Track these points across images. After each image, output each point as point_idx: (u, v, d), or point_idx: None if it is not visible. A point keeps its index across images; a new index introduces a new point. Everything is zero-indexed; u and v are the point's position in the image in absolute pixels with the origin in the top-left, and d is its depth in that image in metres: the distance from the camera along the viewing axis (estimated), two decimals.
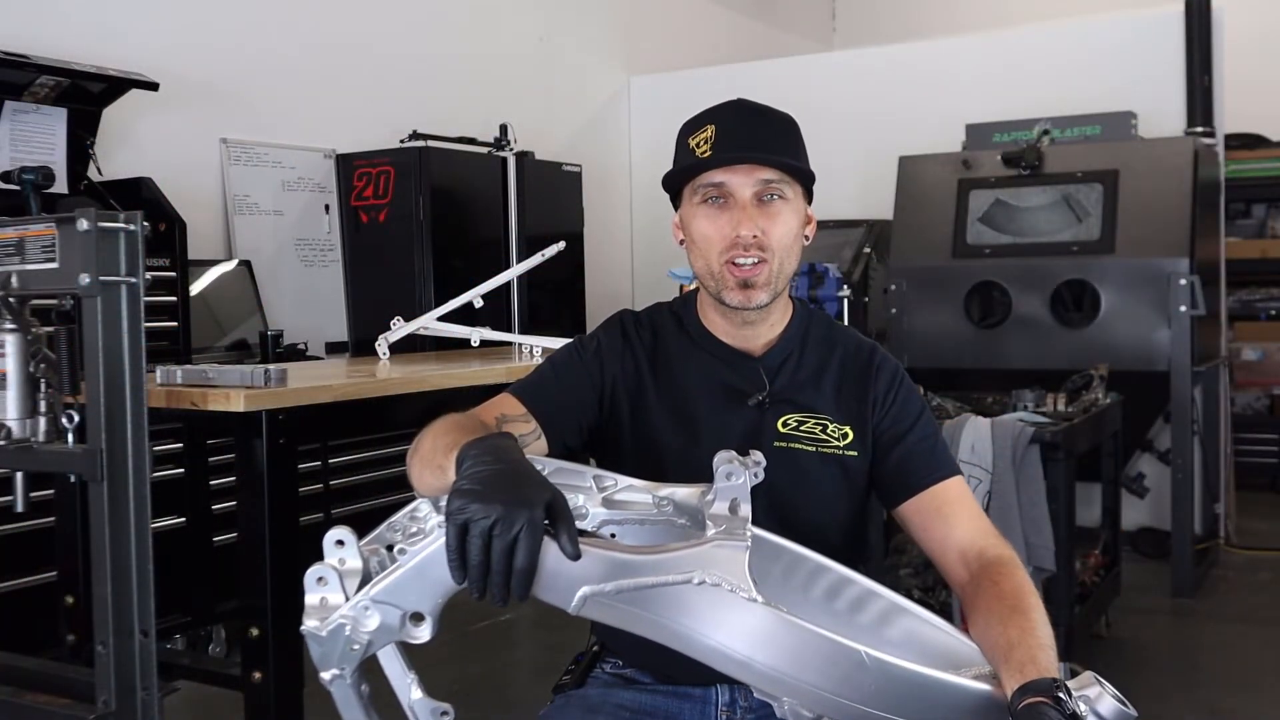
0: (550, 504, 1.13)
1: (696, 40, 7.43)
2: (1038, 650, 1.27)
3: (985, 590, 1.42)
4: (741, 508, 1.22)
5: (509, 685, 3.71)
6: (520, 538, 1.10)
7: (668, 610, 1.17)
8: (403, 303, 4.48)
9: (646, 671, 1.64)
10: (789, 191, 1.57)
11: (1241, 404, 6.70)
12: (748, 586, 1.17)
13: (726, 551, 1.18)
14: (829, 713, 1.22)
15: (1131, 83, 5.28)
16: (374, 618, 1.17)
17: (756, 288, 1.55)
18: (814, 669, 1.18)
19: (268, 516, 2.26)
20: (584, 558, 1.14)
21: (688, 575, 1.16)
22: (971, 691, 1.24)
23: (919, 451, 1.60)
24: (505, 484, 1.14)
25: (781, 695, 1.21)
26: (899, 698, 1.20)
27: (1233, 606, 4.46)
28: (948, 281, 4.92)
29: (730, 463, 1.23)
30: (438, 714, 1.21)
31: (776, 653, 1.18)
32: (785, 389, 1.62)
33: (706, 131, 1.56)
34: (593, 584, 1.15)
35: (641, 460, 1.58)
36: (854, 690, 1.19)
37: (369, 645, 1.18)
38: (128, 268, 1.79)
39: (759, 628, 1.17)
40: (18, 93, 3.74)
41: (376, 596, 1.17)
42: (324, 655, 1.18)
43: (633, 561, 1.17)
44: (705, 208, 1.57)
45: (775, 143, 1.57)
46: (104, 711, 1.81)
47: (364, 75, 5.24)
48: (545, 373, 1.64)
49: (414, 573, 1.17)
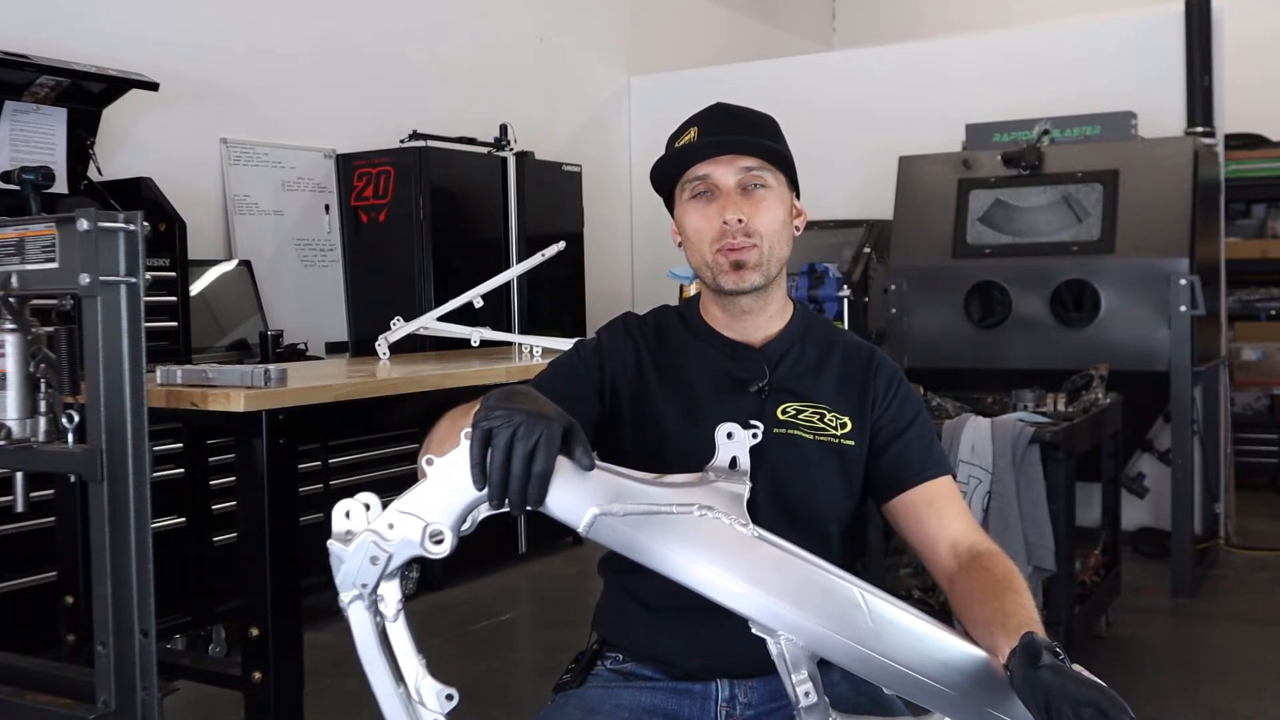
0: (568, 425, 1.21)
1: (696, 40, 7.44)
2: (1031, 623, 1.29)
3: (976, 573, 1.45)
4: (741, 460, 1.30)
5: (510, 684, 3.71)
6: (540, 444, 1.18)
7: (671, 538, 1.25)
8: (403, 303, 4.48)
9: (647, 664, 1.64)
10: (771, 180, 1.62)
11: (1241, 404, 6.70)
12: (746, 521, 1.25)
13: (727, 488, 1.27)
14: (824, 650, 1.26)
15: (1131, 83, 5.29)
16: (397, 531, 1.21)
17: (749, 268, 1.60)
18: (810, 603, 1.25)
19: (268, 516, 2.26)
20: (596, 480, 1.23)
21: (690, 505, 1.25)
22: (965, 651, 1.28)
23: (915, 449, 1.62)
24: (527, 401, 1.22)
25: (778, 629, 1.25)
26: (892, 641, 1.25)
27: (1233, 606, 4.46)
28: (948, 281, 4.92)
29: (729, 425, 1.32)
30: (443, 696, 1.23)
31: (773, 585, 1.25)
32: (785, 378, 1.65)
33: (690, 133, 1.63)
34: (602, 504, 1.23)
35: (642, 443, 1.61)
36: (849, 628, 1.25)
37: (390, 560, 1.21)
38: (128, 268, 1.79)
39: (757, 560, 1.25)
40: (18, 93, 3.74)
41: (400, 507, 1.22)
42: (346, 572, 1.21)
43: (640, 489, 1.25)
44: (694, 202, 1.63)
45: (754, 134, 1.63)
46: (104, 711, 1.81)
47: (364, 75, 5.25)
48: (547, 375, 1.68)
49: (437, 481, 1.22)
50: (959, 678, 1.26)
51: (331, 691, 3.28)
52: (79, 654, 2.60)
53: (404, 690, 1.22)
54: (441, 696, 1.23)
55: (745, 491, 1.26)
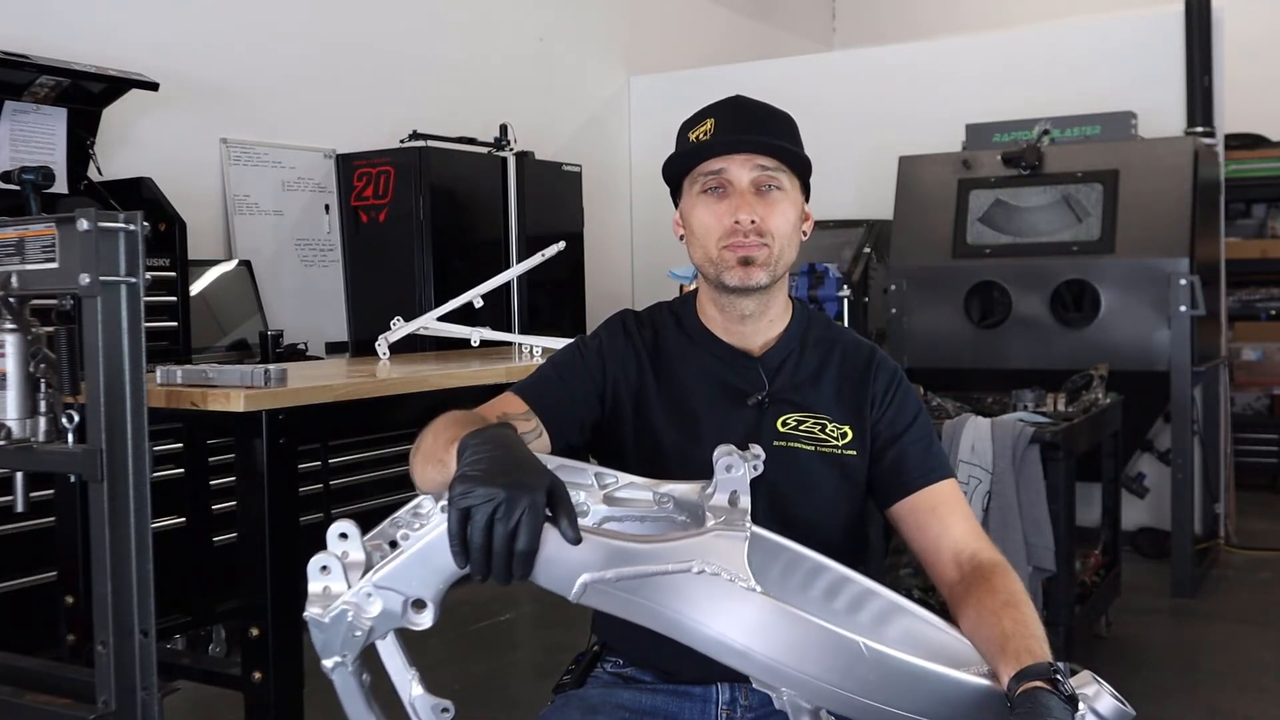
0: (550, 489, 1.14)
1: (696, 40, 7.43)
2: (1032, 640, 1.28)
3: (977, 587, 1.43)
4: (741, 500, 1.24)
5: (509, 685, 3.71)
6: (522, 521, 1.11)
7: (667, 599, 1.18)
8: (403, 303, 4.48)
9: (647, 670, 1.64)
10: (786, 183, 1.58)
11: (1241, 404, 6.70)
12: (746, 576, 1.18)
13: (726, 541, 1.19)
14: (828, 704, 1.23)
15: (1131, 83, 5.28)
16: (376, 604, 1.18)
17: (756, 265, 1.56)
18: (812, 659, 1.19)
19: (268, 516, 2.25)
20: (585, 545, 1.15)
21: (687, 564, 1.17)
22: (968, 685, 1.25)
23: (914, 452, 1.61)
24: (507, 469, 1.15)
25: (780, 686, 1.22)
26: (897, 690, 1.21)
27: (1233, 606, 4.46)
28: (948, 281, 4.92)
29: (729, 455, 1.25)
30: (438, 711, 1.21)
31: (775, 643, 1.19)
32: (784, 388, 1.62)
33: (706, 125, 1.59)
34: (593, 571, 1.17)
35: (643, 460, 1.59)
36: (852, 681, 1.20)
37: (371, 632, 1.19)
38: (128, 268, 1.79)
39: (757, 617, 1.18)
40: (18, 93, 3.74)
41: (379, 582, 1.18)
42: (326, 642, 1.19)
43: (633, 550, 1.18)
44: (705, 197, 1.59)
45: (773, 133, 1.59)
46: (104, 711, 1.81)
47: (364, 75, 5.25)
48: (547, 372, 1.65)
49: (416, 558, 1.17)
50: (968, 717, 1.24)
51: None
52: (79, 654, 2.60)
53: None
54: (437, 711, 1.21)
55: (745, 538, 1.20)
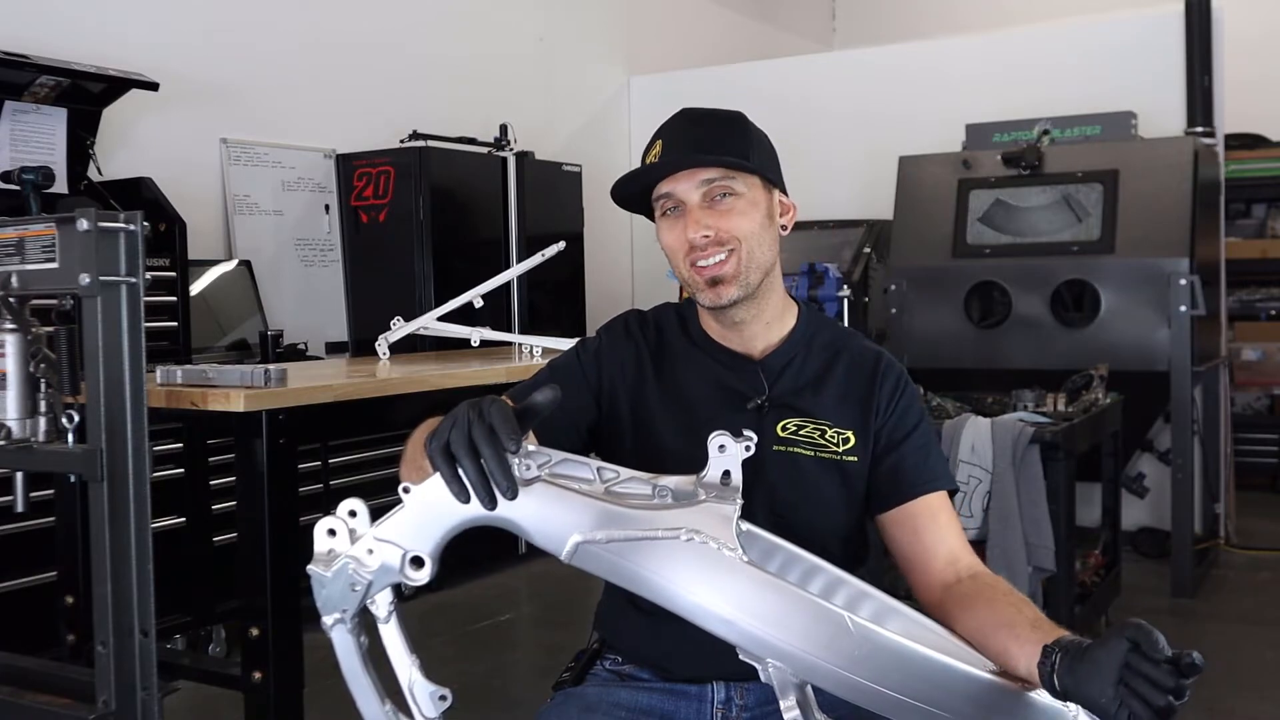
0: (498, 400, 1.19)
1: (696, 40, 7.44)
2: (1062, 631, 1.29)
3: (988, 589, 1.45)
4: (733, 476, 1.26)
5: (509, 684, 3.71)
6: (492, 414, 1.16)
7: (656, 564, 1.21)
8: (403, 303, 4.48)
9: (645, 668, 1.64)
10: (739, 186, 1.57)
11: (1241, 404, 6.70)
12: (735, 546, 1.21)
13: (716, 512, 1.23)
14: (814, 678, 1.24)
15: (1131, 83, 5.29)
16: (376, 557, 1.20)
17: (725, 283, 1.56)
18: (797, 630, 1.22)
19: (267, 516, 2.26)
20: (578, 507, 1.21)
21: (676, 530, 1.21)
22: (959, 671, 1.26)
23: (909, 463, 1.60)
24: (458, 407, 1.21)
25: (765, 656, 1.23)
26: (882, 667, 1.23)
27: (1233, 606, 4.46)
28: (948, 281, 4.92)
29: (722, 436, 1.28)
30: (436, 697, 1.22)
31: (759, 611, 1.21)
32: (785, 393, 1.62)
33: (656, 147, 1.60)
34: (585, 532, 1.20)
35: (643, 460, 1.58)
36: (837, 655, 1.22)
37: (370, 586, 1.20)
38: (128, 268, 1.79)
39: (743, 586, 1.21)
40: (18, 93, 3.74)
41: (380, 535, 1.20)
42: (328, 598, 1.21)
43: (624, 514, 1.22)
44: (666, 220, 1.60)
45: (714, 144, 1.58)
46: (104, 711, 1.81)
47: (364, 75, 5.25)
48: (543, 377, 1.66)
49: (415, 510, 1.20)
50: (954, 700, 1.25)
51: (331, 691, 3.25)
52: (79, 654, 2.60)
53: (390, 708, 1.22)
54: (435, 698, 1.22)
55: (736, 511, 1.23)
